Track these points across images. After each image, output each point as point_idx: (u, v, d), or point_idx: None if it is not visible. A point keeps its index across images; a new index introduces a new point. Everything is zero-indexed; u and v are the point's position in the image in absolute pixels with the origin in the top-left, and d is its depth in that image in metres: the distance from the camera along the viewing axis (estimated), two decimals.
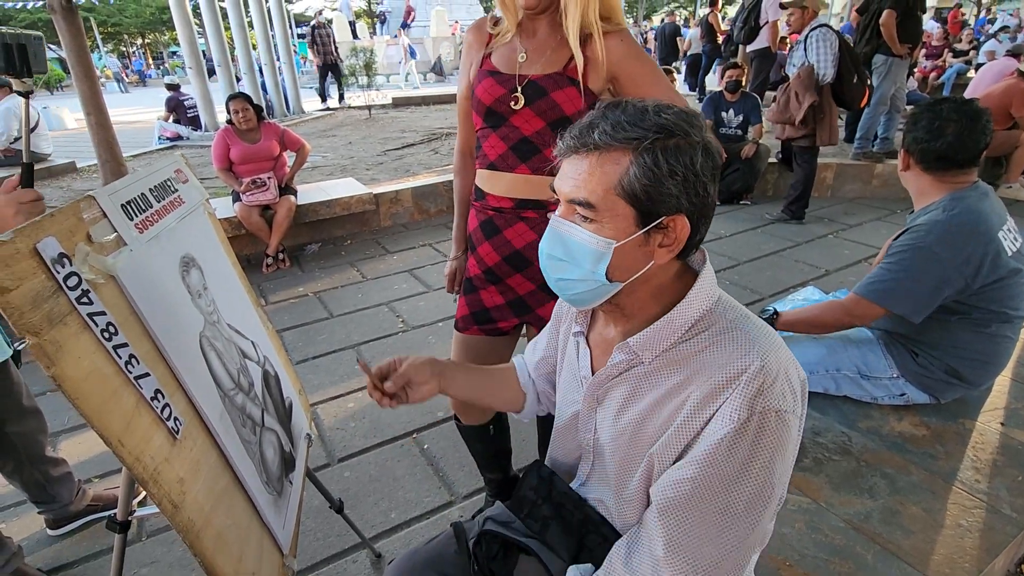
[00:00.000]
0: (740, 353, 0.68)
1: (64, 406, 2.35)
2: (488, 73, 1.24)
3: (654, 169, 0.65)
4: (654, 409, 0.73)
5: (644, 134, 0.65)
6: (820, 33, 3.69)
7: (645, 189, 0.66)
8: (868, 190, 4.72)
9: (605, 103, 0.71)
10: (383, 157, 6.12)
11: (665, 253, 0.70)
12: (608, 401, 0.81)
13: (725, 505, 0.66)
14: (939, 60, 10.05)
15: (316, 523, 1.72)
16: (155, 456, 0.65)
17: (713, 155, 0.68)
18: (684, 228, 0.68)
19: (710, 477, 0.66)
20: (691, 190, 0.67)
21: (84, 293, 0.62)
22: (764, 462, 0.65)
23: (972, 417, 1.73)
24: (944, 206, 1.58)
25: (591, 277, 0.71)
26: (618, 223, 0.68)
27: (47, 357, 0.54)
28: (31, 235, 0.57)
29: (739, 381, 0.66)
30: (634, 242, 0.68)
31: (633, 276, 0.71)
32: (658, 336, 0.73)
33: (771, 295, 3.07)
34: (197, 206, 1.00)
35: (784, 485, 0.70)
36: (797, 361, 0.72)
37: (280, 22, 10.12)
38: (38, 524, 1.76)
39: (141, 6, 23.72)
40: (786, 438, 0.66)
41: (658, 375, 0.74)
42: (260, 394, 1.03)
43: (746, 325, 0.72)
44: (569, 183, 0.70)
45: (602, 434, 0.82)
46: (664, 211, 0.67)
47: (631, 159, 0.66)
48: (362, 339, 2.81)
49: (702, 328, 0.72)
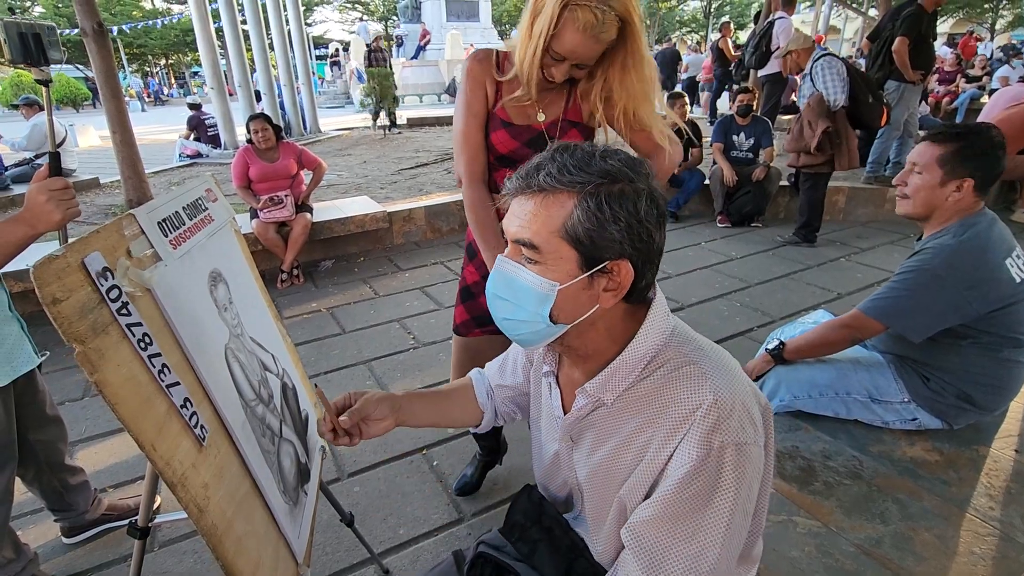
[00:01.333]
0: (693, 389, 0.69)
1: (81, 416, 2.40)
2: (503, 124, 1.34)
3: (597, 214, 0.66)
4: (620, 450, 0.74)
5: (588, 179, 0.66)
6: (824, 62, 3.73)
7: (588, 233, 0.66)
8: (880, 214, 4.72)
9: (555, 145, 0.72)
10: (397, 176, 6.23)
11: (610, 297, 0.70)
12: (582, 441, 0.82)
13: (692, 535, 0.66)
14: (952, 85, 10.08)
15: (325, 537, 1.73)
16: (183, 461, 0.69)
17: (658, 202, 0.69)
18: (628, 273, 0.69)
19: (676, 516, 0.67)
20: (635, 236, 0.67)
21: (124, 305, 0.66)
22: (729, 495, 0.66)
23: (986, 443, 1.71)
24: (954, 232, 1.59)
25: (535, 318, 0.71)
26: (562, 266, 0.68)
27: (90, 364, 0.58)
28: (80, 250, 0.61)
29: (693, 418, 0.67)
30: (578, 285, 0.69)
31: (578, 319, 0.71)
32: (614, 378, 0.74)
33: (782, 318, 3.06)
34: (225, 223, 1.05)
35: (752, 512, 0.71)
36: (757, 389, 0.73)
37: (300, 44, 10.40)
38: (53, 532, 1.79)
39: (166, 28, 24.48)
40: (748, 469, 0.67)
41: (621, 415, 0.75)
42: (279, 406, 1.06)
43: (699, 359, 0.72)
44: (515, 223, 0.70)
45: (579, 473, 0.84)
46: (608, 256, 0.68)
47: (575, 203, 0.66)
48: (373, 355, 2.84)
49: (657, 365, 0.73)
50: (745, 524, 0.69)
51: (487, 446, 1.87)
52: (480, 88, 1.35)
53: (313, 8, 30.68)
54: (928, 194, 1.60)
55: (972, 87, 9.89)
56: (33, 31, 1.03)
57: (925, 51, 4.50)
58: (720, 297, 3.38)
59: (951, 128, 1.60)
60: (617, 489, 0.75)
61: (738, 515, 0.67)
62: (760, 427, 0.70)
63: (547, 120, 1.32)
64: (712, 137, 4.76)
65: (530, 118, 1.34)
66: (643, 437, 0.71)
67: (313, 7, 30.54)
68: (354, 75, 15.45)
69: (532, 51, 1.17)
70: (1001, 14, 23.30)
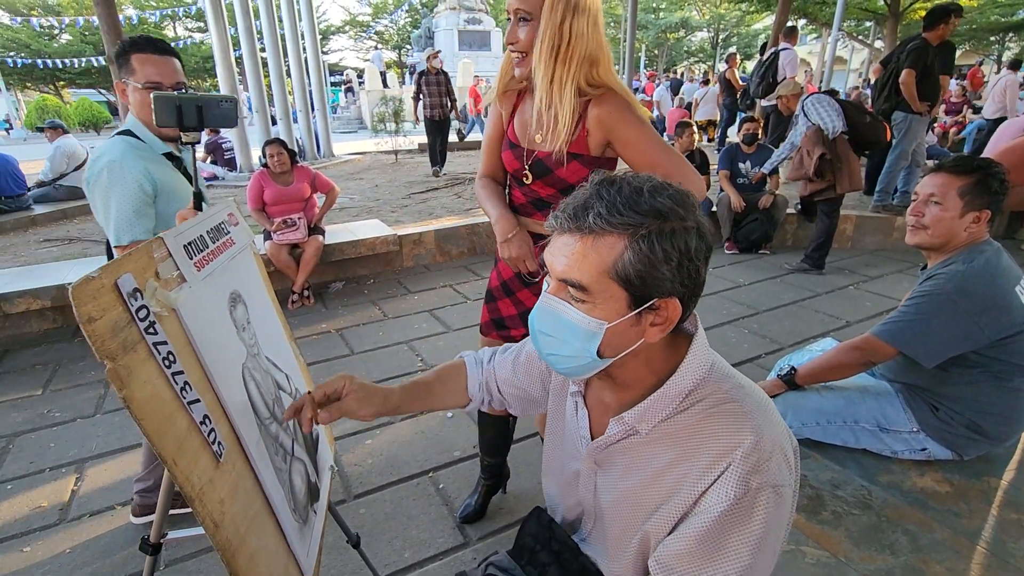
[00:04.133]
0: (734, 428, 0.68)
1: (92, 433, 2.43)
2: (509, 144, 1.41)
3: (649, 255, 0.65)
4: (652, 482, 0.74)
5: (640, 220, 0.64)
6: (813, 99, 3.89)
7: (639, 274, 0.65)
8: (889, 242, 4.73)
9: (598, 179, 0.70)
10: (407, 200, 6.32)
11: (656, 332, 0.70)
12: (609, 466, 0.81)
13: (722, 573, 0.66)
14: (959, 116, 10.15)
15: (330, 558, 1.73)
16: (201, 476, 0.71)
17: (706, 237, 0.68)
18: (676, 309, 0.69)
19: (708, 552, 0.67)
20: (684, 273, 0.67)
21: (151, 324, 0.69)
22: (761, 535, 0.66)
23: (997, 475, 1.69)
24: (963, 259, 1.61)
25: (582, 354, 0.71)
26: (610, 305, 0.68)
27: (119, 380, 0.60)
28: (113, 272, 0.65)
29: (733, 457, 0.66)
30: (626, 322, 0.68)
31: (623, 352, 0.71)
32: (652, 409, 0.73)
33: (790, 345, 3.06)
34: (245, 247, 1.09)
35: (778, 553, 0.71)
36: (790, 430, 0.73)
37: (316, 71, 10.69)
38: (58, 546, 1.80)
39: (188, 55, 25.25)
40: (782, 512, 0.67)
41: (655, 446, 0.74)
42: (291, 425, 1.08)
43: (740, 397, 0.71)
44: (561, 262, 0.69)
45: (602, 497, 0.83)
46: (657, 294, 0.67)
47: (626, 244, 0.65)
48: (382, 376, 2.86)
49: (696, 399, 0.72)
50: (772, 563, 0.69)
51: (491, 468, 1.87)
52: (496, 113, 1.46)
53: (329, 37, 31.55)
54: (948, 225, 1.62)
55: (979, 118, 9.94)
56: (198, 102, 1.19)
57: (931, 83, 4.56)
58: (728, 323, 3.38)
59: (967, 160, 1.61)
60: (644, 518, 0.74)
61: (767, 554, 0.67)
62: (794, 470, 0.70)
63: (548, 149, 1.33)
64: (719, 164, 4.82)
65: (532, 142, 1.37)
66: (678, 471, 0.71)
67: (329, 36, 31.41)
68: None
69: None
70: (1008, 45, 23.53)
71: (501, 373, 1.04)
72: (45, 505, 2.01)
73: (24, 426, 2.51)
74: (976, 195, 1.57)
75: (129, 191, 1.44)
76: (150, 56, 1.47)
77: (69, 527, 1.91)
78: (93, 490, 2.09)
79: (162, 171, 1.53)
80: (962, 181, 1.58)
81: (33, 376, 2.97)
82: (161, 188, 1.51)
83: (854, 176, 3.86)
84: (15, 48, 21.81)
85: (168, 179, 1.54)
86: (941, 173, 1.63)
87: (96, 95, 26.08)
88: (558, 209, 0.70)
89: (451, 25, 20.38)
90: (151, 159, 1.52)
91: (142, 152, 1.50)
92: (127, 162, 1.45)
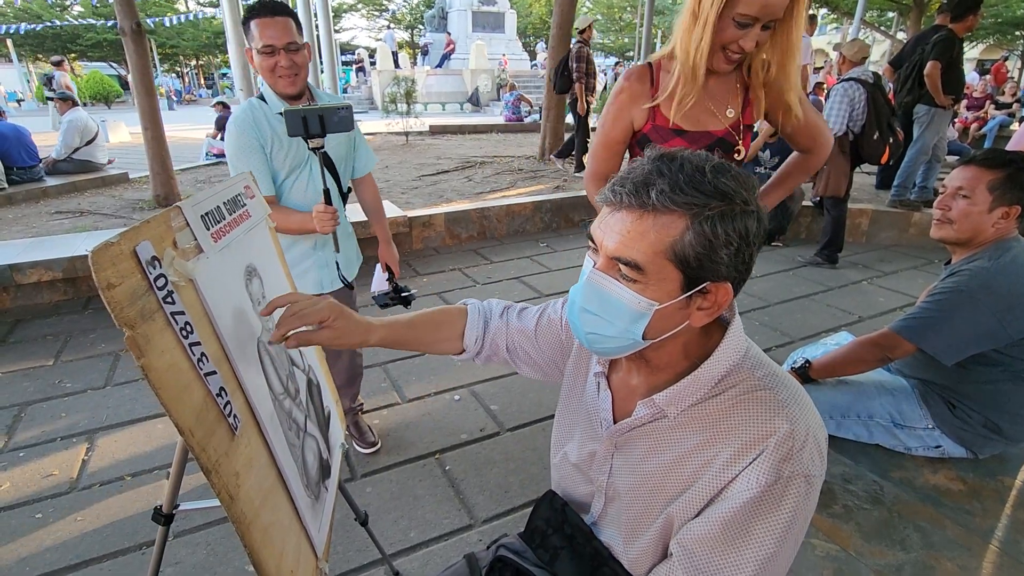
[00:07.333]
0: (768, 416, 0.67)
1: (102, 404, 2.45)
2: (675, 134, 1.37)
3: (711, 238, 0.62)
4: (677, 465, 0.72)
5: (705, 200, 0.62)
6: (842, 88, 3.77)
7: (698, 256, 0.63)
8: (904, 238, 4.65)
9: (656, 154, 0.67)
10: (418, 182, 6.29)
11: (703, 316, 0.68)
12: (629, 448, 0.79)
13: (746, 559, 0.66)
14: (981, 111, 9.95)
15: (337, 536, 1.74)
16: (217, 448, 0.70)
17: (764, 222, 0.66)
18: (727, 294, 0.67)
19: (732, 537, 0.66)
20: (740, 258, 0.65)
21: (169, 293, 0.68)
22: (788, 523, 0.65)
23: (1011, 475, 1.67)
24: (989, 255, 1.57)
25: (625, 335, 0.69)
26: (663, 286, 0.65)
27: (138, 348, 0.59)
28: (132, 238, 0.63)
29: (766, 444, 0.65)
30: (675, 305, 0.67)
31: (665, 335, 0.69)
32: (684, 392, 0.72)
33: (801, 339, 3.03)
34: (261, 220, 1.07)
35: (799, 544, 0.70)
36: (821, 420, 0.72)
37: (328, 50, 10.58)
38: (71, 514, 1.82)
39: (199, 31, 25.07)
40: (810, 502, 0.66)
41: (683, 430, 0.73)
42: (304, 401, 1.08)
43: (775, 385, 0.70)
44: (614, 239, 0.66)
45: (619, 480, 0.81)
46: (711, 277, 0.65)
47: (687, 224, 0.63)
48: (389, 358, 2.86)
49: (729, 385, 0.71)
50: (793, 554, 0.68)
51: None
52: (623, 118, 1.42)
53: (341, 15, 31.22)
54: (976, 220, 1.57)
55: (1001, 114, 9.76)
56: (320, 113, 1.34)
57: (956, 76, 4.46)
58: (739, 314, 3.35)
59: (999, 154, 1.56)
60: (666, 502, 0.73)
61: (789, 545, 0.66)
62: (825, 460, 0.69)
63: (730, 122, 1.35)
64: None
65: (702, 123, 1.35)
66: (706, 455, 0.69)
67: (341, 14, 31.07)
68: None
69: (701, 35, 1.20)
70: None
71: (518, 331, 0.98)
72: (56, 473, 2.03)
73: (35, 395, 2.53)
74: (1006, 190, 1.52)
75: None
76: (264, 19, 1.57)
77: (80, 496, 1.93)
78: (104, 460, 2.11)
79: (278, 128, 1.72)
80: (992, 175, 1.54)
81: (44, 346, 2.99)
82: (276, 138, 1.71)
83: (835, 181, 3.83)
84: (26, 19, 21.72)
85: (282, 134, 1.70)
86: (971, 166, 1.58)
87: (107, 68, 26.01)
88: (615, 183, 0.67)
89: (465, 6, 20.06)
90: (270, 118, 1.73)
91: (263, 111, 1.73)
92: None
